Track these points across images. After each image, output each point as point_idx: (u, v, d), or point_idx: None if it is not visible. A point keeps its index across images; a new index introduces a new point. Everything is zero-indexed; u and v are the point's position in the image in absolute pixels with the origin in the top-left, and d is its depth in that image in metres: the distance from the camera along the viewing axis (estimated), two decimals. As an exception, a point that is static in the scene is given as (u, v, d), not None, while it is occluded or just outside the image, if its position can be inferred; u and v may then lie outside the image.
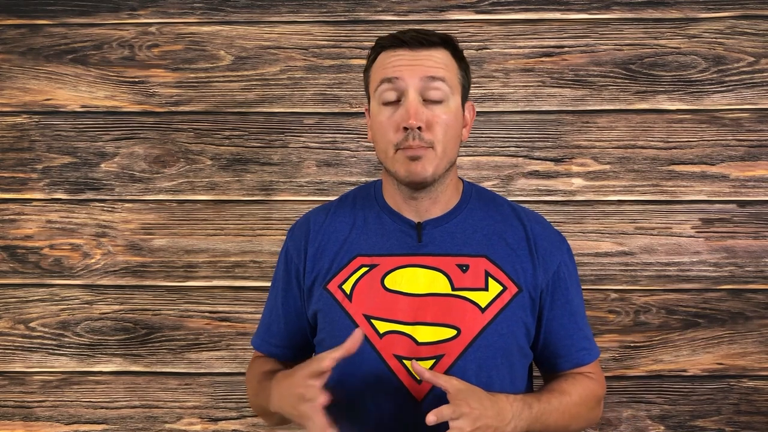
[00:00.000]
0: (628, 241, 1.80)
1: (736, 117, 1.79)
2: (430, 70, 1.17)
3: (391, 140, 1.18)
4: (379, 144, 1.21)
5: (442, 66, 1.19)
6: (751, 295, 1.79)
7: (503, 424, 1.13)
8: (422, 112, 1.16)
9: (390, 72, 1.18)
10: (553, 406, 1.21)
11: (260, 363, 1.34)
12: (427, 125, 1.16)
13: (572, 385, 1.26)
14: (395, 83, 1.17)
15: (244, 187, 1.84)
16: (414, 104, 1.16)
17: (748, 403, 1.80)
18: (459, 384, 1.12)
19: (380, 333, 1.19)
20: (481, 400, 1.11)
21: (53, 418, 1.87)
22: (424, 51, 1.18)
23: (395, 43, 1.20)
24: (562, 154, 1.81)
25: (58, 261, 1.86)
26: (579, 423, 1.26)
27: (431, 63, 1.18)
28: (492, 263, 1.22)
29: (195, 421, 1.85)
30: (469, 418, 1.08)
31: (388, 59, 1.19)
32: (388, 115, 1.18)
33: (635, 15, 1.80)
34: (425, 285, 1.20)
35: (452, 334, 1.18)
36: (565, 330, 1.27)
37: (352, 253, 1.24)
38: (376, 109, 1.21)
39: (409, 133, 1.16)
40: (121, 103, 1.85)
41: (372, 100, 1.23)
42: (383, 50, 1.21)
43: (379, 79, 1.19)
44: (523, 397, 1.19)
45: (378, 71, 1.21)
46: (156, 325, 1.85)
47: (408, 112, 1.16)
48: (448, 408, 1.08)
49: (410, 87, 1.17)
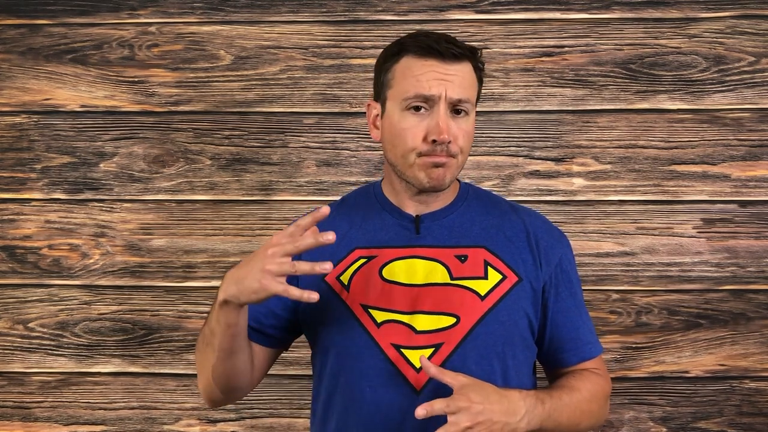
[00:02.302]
0: (629, 242, 1.79)
1: (737, 117, 1.79)
2: (459, 92, 1.16)
3: (414, 147, 1.17)
4: (397, 148, 1.19)
5: (469, 85, 1.19)
6: (753, 296, 1.78)
7: (515, 419, 1.10)
8: (452, 128, 1.17)
9: (425, 87, 1.16)
10: (564, 402, 1.19)
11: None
12: (453, 137, 1.17)
13: (581, 381, 1.24)
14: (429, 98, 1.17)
15: (244, 187, 1.83)
16: (445, 119, 1.16)
17: (750, 404, 1.78)
18: (465, 380, 1.11)
19: (378, 322, 1.18)
20: (487, 395, 1.10)
21: (52, 418, 1.86)
22: (455, 65, 1.17)
23: (427, 52, 1.17)
24: (563, 154, 1.80)
25: (56, 261, 1.85)
26: (590, 420, 1.25)
27: (460, 81, 1.17)
28: (491, 253, 1.22)
29: (193, 423, 1.84)
30: (469, 413, 1.07)
31: (420, 69, 1.17)
32: (413, 123, 1.17)
33: (635, 15, 1.80)
34: (424, 275, 1.20)
35: (451, 322, 1.17)
36: (571, 323, 1.25)
37: (351, 246, 1.24)
38: (397, 114, 1.19)
39: (438, 145, 1.16)
40: (121, 102, 1.85)
41: (391, 102, 1.20)
42: (410, 54, 1.18)
43: (411, 90, 1.17)
44: (536, 392, 1.18)
45: (409, 79, 1.18)
46: (154, 326, 1.84)
47: (440, 127, 1.15)
48: (441, 402, 1.07)
49: (442, 101, 1.16)
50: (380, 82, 1.23)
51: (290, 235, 1.06)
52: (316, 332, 1.25)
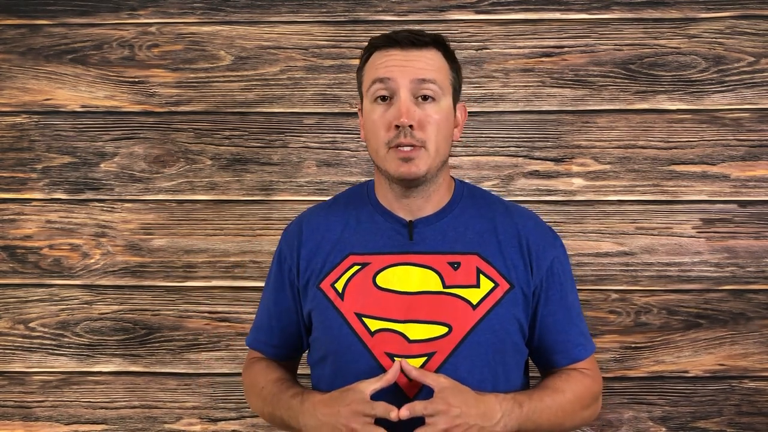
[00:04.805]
0: (628, 242, 1.79)
1: (736, 117, 1.79)
2: (420, 71, 1.19)
3: (383, 138, 1.19)
4: (371, 142, 1.23)
5: (434, 67, 1.20)
6: (753, 296, 1.79)
7: (491, 423, 1.13)
8: (414, 111, 1.18)
9: (382, 72, 1.19)
10: (545, 404, 1.20)
11: (263, 368, 1.34)
12: (418, 124, 1.18)
13: (566, 382, 1.25)
14: (387, 83, 1.19)
15: (244, 187, 1.83)
16: (405, 103, 1.18)
17: (750, 404, 1.79)
18: (445, 382, 1.13)
19: (372, 331, 1.19)
20: (466, 399, 1.12)
21: (53, 418, 1.87)
22: (416, 51, 1.20)
23: (388, 43, 1.21)
24: (562, 154, 1.80)
25: (57, 261, 1.86)
26: (574, 421, 1.26)
27: (422, 64, 1.19)
28: (483, 260, 1.23)
29: (194, 422, 1.85)
30: (447, 416, 1.10)
31: (381, 59, 1.21)
32: (380, 114, 1.20)
33: (635, 15, 1.80)
34: (417, 283, 1.20)
35: (444, 331, 1.18)
36: (560, 326, 1.26)
37: (345, 251, 1.25)
38: (368, 107, 1.22)
39: (401, 130, 1.17)
40: (121, 103, 1.85)
41: (364, 99, 1.24)
42: (376, 50, 1.23)
43: (371, 78, 1.21)
44: (513, 395, 1.19)
45: (370, 71, 1.22)
46: (155, 326, 1.85)
47: (399, 111, 1.17)
48: (421, 404, 1.10)
49: (402, 87, 1.18)
50: (358, 82, 1.28)
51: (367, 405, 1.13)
52: (313, 338, 1.27)
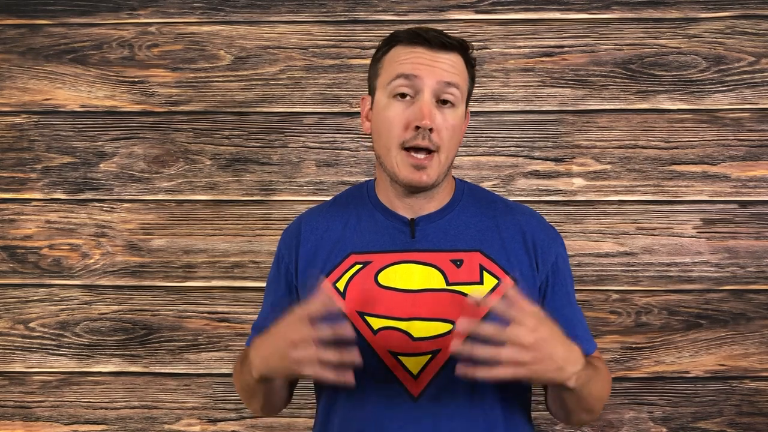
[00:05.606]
0: (629, 242, 1.79)
1: (736, 117, 1.78)
2: (446, 74, 1.16)
3: (397, 137, 1.16)
4: (381, 138, 1.19)
5: (458, 72, 1.18)
6: (753, 296, 1.78)
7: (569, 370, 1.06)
8: (436, 114, 1.15)
9: (408, 68, 1.15)
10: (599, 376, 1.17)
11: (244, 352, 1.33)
12: (436, 128, 1.16)
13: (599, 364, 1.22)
14: (412, 80, 1.15)
15: (244, 187, 1.83)
16: (429, 105, 1.15)
17: (750, 404, 1.78)
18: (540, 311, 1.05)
19: (374, 329, 1.18)
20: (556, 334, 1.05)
21: (53, 418, 1.86)
22: (443, 53, 1.17)
23: (415, 39, 1.17)
24: (563, 154, 1.80)
25: (57, 261, 1.85)
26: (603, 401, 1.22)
27: (448, 67, 1.16)
28: (486, 257, 1.21)
29: (194, 422, 1.85)
30: (533, 335, 1.01)
31: (405, 55, 1.17)
32: (398, 111, 1.16)
33: (635, 15, 1.79)
34: (419, 281, 1.19)
35: (448, 328, 1.16)
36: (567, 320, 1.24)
37: (346, 250, 1.23)
38: (384, 102, 1.18)
39: (421, 132, 1.15)
40: (121, 102, 1.85)
41: (379, 91, 1.20)
42: (399, 43, 1.19)
43: (395, 72, 1.17)
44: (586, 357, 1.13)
45: (394, 65, 1.18)
46: (155, 326, 1.85)
47: (422, 112, 1.14)
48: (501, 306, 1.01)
49: (426, 87, 1.15)
50: (372, 73, 1.23)
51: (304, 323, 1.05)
52: None
